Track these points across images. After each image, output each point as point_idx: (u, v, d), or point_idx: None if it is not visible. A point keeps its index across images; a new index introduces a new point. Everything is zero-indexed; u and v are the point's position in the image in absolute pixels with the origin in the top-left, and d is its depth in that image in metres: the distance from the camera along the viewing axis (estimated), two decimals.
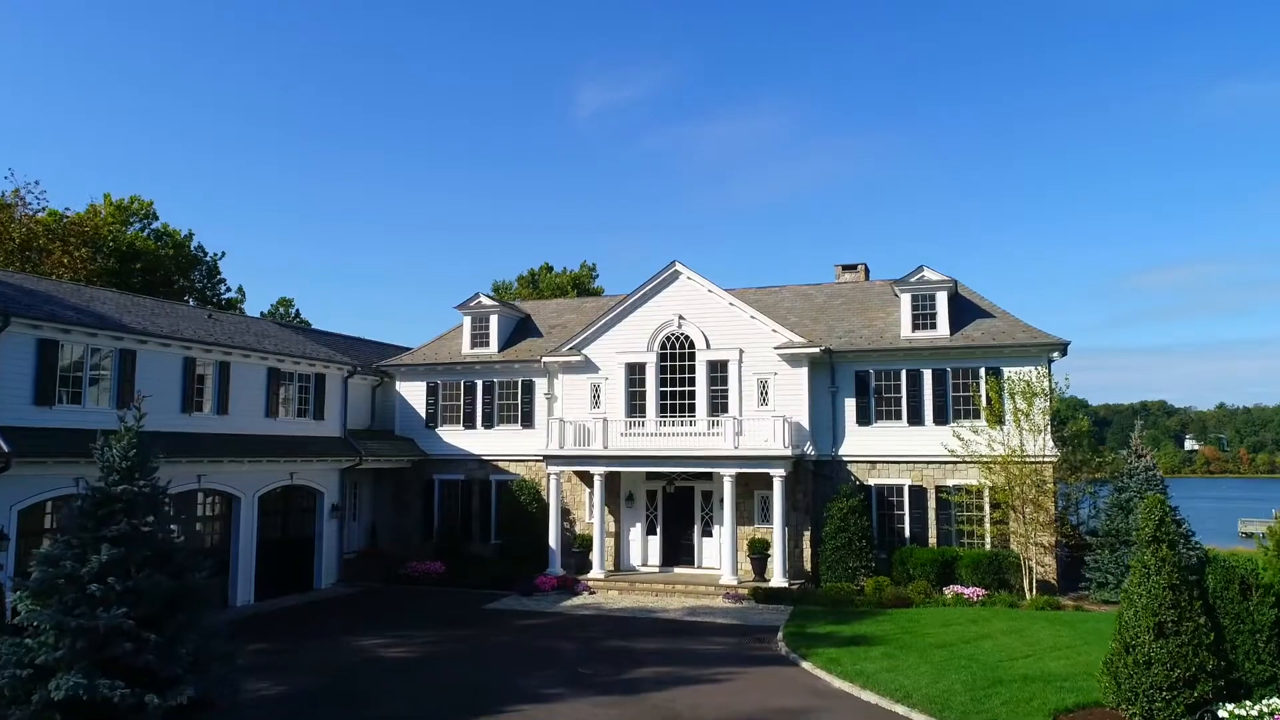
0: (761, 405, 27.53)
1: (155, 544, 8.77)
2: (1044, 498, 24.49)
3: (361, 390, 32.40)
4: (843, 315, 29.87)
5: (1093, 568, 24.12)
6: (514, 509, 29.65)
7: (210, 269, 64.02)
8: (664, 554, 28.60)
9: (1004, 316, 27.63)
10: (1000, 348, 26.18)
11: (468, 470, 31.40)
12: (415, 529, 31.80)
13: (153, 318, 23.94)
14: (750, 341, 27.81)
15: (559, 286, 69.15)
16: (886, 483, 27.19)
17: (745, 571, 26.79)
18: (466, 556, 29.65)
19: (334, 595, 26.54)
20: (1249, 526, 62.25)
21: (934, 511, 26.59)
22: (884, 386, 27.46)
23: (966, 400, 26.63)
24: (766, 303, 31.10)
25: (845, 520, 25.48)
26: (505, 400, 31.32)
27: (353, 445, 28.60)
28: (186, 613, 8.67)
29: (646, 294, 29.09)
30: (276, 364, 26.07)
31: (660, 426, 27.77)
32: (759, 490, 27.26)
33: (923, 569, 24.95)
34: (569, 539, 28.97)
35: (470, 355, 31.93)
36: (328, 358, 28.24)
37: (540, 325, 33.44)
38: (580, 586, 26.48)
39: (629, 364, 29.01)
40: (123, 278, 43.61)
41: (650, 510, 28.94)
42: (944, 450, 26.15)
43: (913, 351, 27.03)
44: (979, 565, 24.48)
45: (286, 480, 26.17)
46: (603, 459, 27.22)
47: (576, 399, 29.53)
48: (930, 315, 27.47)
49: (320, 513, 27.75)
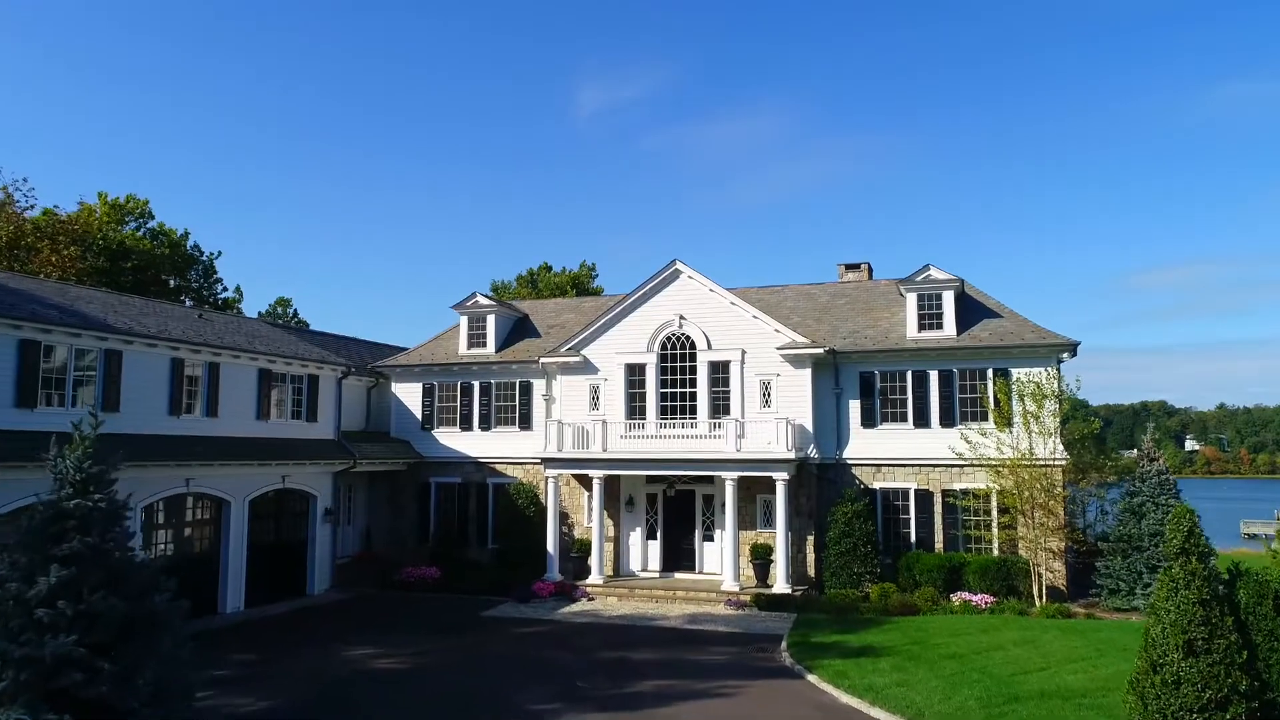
0: (764, 407, 26.93)
1: (111, 564, 8.08)
2: (1054, 502, 23.88)
3: (356, 392, 31.80)
4: (847, 315, 29.26)
5: (1104, 574, 23.52)
6: (511, 513, 29.04)
7: (207, 268, 63.48)
8: (664, 559, 27.99)
9: (1012, 316, 27.02)
10: (1008, 348, 25.58)
11: (464, 473, 30.79)
12: (411, 533, 31.18)
13: (140, 317, 23.32)
14: (752, 342, 27.21)
15: (558, 286, 68.47)
16: (892, 486, 26.58)
17: (747, 577, 26.19)
18: (463, 561, 29.05)
19: (327, 601, 25.92)
20: (1251, 528, 61.68)
21: (940, 516, 25.99)
22: (889, 388, 26.85)
23: (974, 402, 26.03)
24: (769, 302, 30.49)
25: (850, 525, 24.88)
26: (502, 402, 30.70)
27: (346, 448, 27.98)
28: (145, 639, 7.99)
29: (647, 293, 28.49)
30: (268, 365, 25.46)
31: (661, 429, 27.17)
32: (761, 494, 26.66)
33: (929, 575, 24.35)
34: (567, 543, 28.37)
35: (467, 356, 31.32)
36: (321, 358, 27.63)
37: (538, 325, 32.83)
38: (579, 593, 25.86)
39: (629, 365, 28.40)
40: (113, 277, 42.99)
41: (650, 514, 28.33)
42: (951, 453, 25.57)
43: (919, 352, 26.43)
44: (987, 571, 23.88)
45: (278, 484, 25.56)
46: (602, 462, 26.62)
47: (575, 401, 28.92)
48: (937, 315, 26.86)
49: (313, 517, 27.13)
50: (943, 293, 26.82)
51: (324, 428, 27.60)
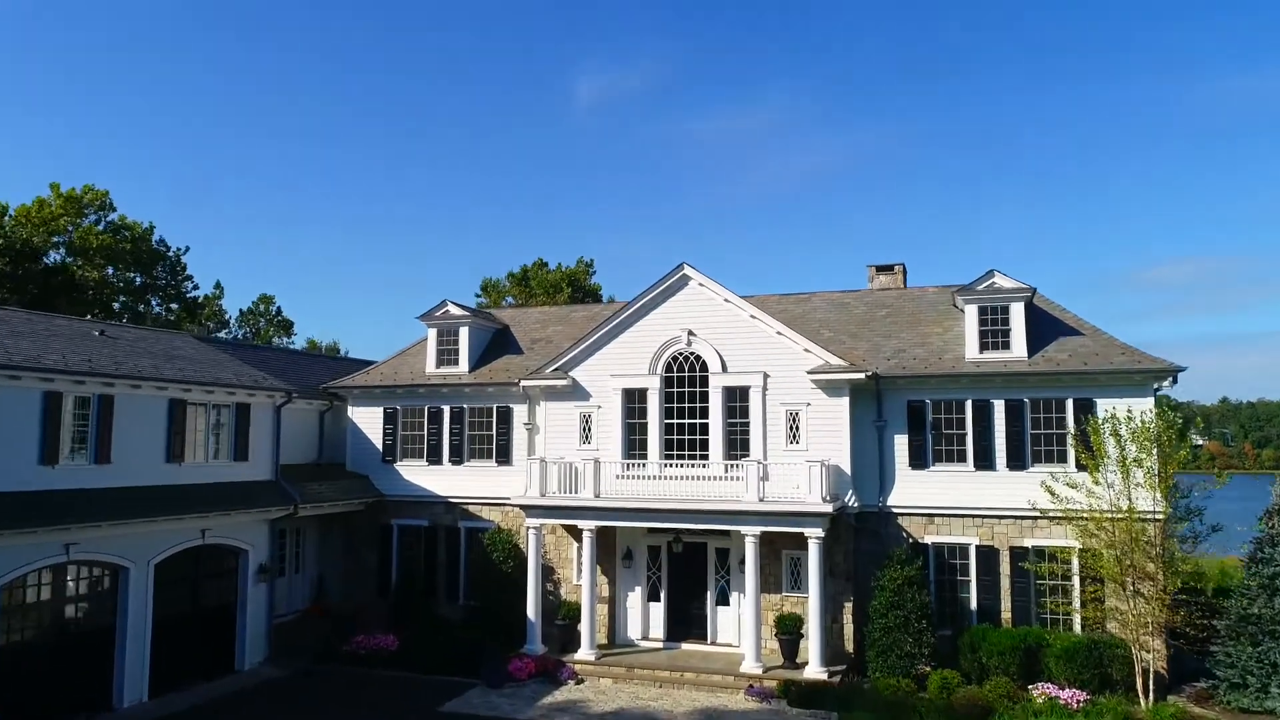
0: (791, 444, 22.15)
1: None
2: (1156, 566, 19.07)
3: (306, 417, 27.00)
4: (889, 330, 24.44)
5: (1225, 663, 18.75)
6: (485, 566, 24.21)
7: (174, 265, 58.75)
8: (669, 625, 23.22)
9: (1094, 334, 22.22)
10: (1094, 375, 20.80)
11: (433, 515, 26.00)
12: (369, 583, 26.41)
13: (6, 339, 18.43)
14: (777, 364, 22.42)
15: (553, 284, 63.50)
16: (947, 541, 21.82)
17: (770, 650, 21.46)
18: (430, 621, 24.29)
19: (256, 682, 21.14)
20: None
21: (1009, 578, 21.24)
22: (944, 420, 22.07)
23: (1050, 440, 21.25)
24: (794, 314, 25.69)
25: (900, 594, 20.11)
26: (477, 430, 25.89)
27: (286, 490, 23.16)
28: None
29: (648, 304, 23.68)
30: (181, 394, 20.62)
31: (665, 469, 22.43)
32: (788, 549, 21.92)
33: (1000, 659, 19.60)
34: (552, 604, 23.62)
35: (436, 376, 26.49)
36: (253, 383, 22.78)
37: (520, 339, 27.98)
38: (564, 672, 21.12)
39: (627, 390, 23.61)
40: (19, 284, 37.75)
41: (653, 571, 23.55)
42: (1022, 502, 20.86)
43: (981, 378, 21.64)
44: (1074, 656, 19.10)
45: (196, 539, 20.77)
46: (594, 511, 21.86)
47: (562, 432, 24.14)
48: (1003, 332, 22.06)
49: (244, 576, 22.35)
50: (1010, 304, 22.02)
51: (258, 467, 22.79)
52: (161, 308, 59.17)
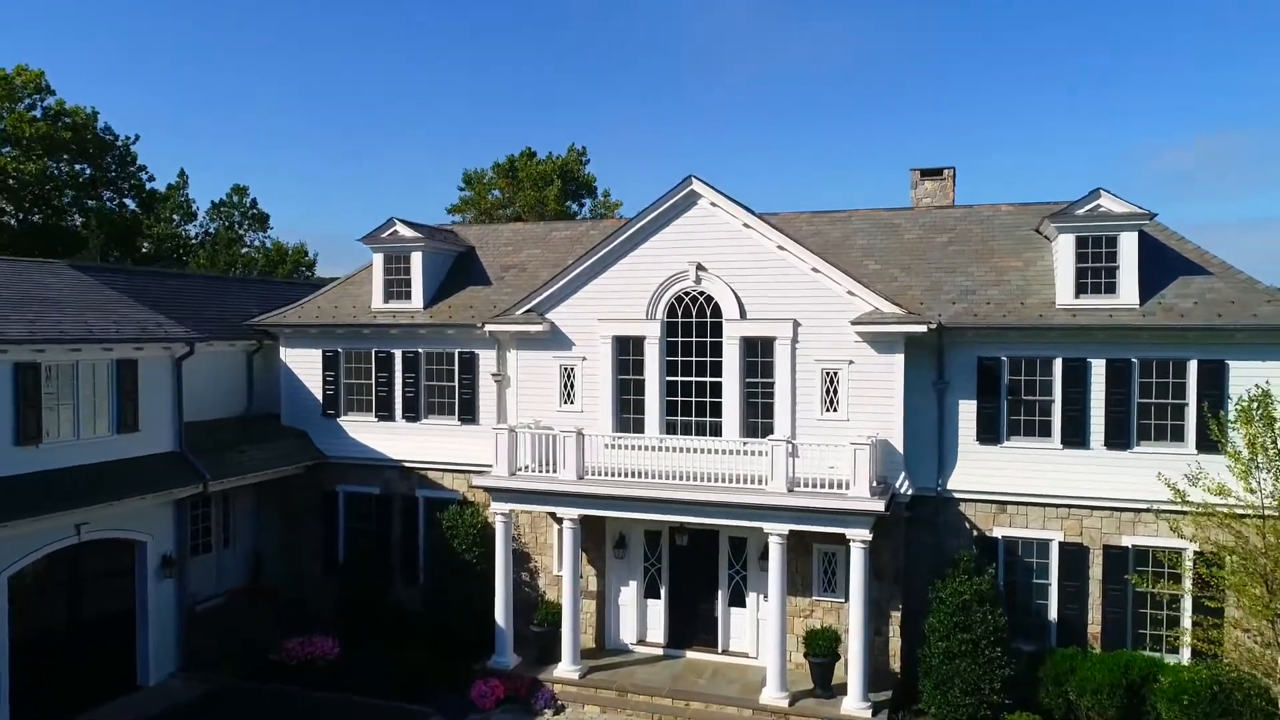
0: (828, 411, 17.36)
1: None
2: None
3: (230, 360, 22.19)
4: (952, 263, 19.25)
5: None
6: (445, 552, 19.76)
7: (122, 156, 52.91)
8: (671, 628, 18.93)
9: (1225, 272, 17.07)
10: (1229, 330, 15.82)
11: (385, 482, 21.47)
12: (314, 559, 22.14)
13: None
14: (811, 309, 17.40)
15: (542, 176, 57.36)
16: (1023, 535, 17.29)
17: (797, 665, 17.27)
18: (382, 610, 20.14)
19: (159, 710, 17.00)
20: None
21: (1100, 585, 16.79)
22: (1024, 384, 17.21)
23: (1164, 410, 16.45)
24: (830, 238, 20.48)
25: (966, 612, 15.66)
26: (436, 381, 21.08)
27: (192, 464, 18.52)
28: None
29: (647, 227, 18.48)
30: (33, 356, 15.72)
31: (667, 440, 17.73)
32: (820, 544, 17.46)
33: (1095, 699, 15.31)
34: (529, 599, 19.36)
35: (383, 313, 21.50)
36: (139, 333, 17.79)
37: (489, 265, 22.80)
38: (540, 697, 16.96)
39: (619, 338, 18.67)
40: None
41: (651, 562, 19.12)
42: (1125, 489, 16.26)
43: (1077, 331, 16.65)
44: (1195, 698, 14.75)
45: (70, 538, 16.25)
46: (576, 497, 17.26)
47: (538, 387, 19.34)
48: (1109, 270, 16.92)
49: (142, 573, 17.97)
50: (1119, 235, 16.81)
51: (153, 437, 18.06)
52: (115, 203, 53.63)
